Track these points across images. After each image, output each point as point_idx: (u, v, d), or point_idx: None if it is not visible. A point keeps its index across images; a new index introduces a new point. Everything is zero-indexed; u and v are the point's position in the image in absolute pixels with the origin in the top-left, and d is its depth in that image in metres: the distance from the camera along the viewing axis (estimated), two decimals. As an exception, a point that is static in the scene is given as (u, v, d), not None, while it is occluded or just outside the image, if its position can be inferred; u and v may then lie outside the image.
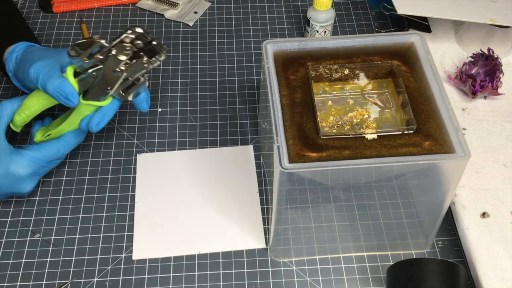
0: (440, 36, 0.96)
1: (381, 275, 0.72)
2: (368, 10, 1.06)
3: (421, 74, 0.70)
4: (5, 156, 0.72)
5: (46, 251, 0.75)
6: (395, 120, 0.69)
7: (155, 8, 1.06)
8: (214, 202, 0.79)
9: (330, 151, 0.63)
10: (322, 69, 0.72)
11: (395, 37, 0.75)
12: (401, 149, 0.63)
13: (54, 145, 0.75)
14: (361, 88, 0.73)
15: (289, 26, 1.04)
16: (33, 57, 0.75)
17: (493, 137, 0.82)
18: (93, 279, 0.72)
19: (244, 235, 0.76)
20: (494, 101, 0.87)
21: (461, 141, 0.62)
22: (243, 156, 0.84)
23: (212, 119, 0.89)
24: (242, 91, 0.93)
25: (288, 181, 0.62)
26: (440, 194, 0.67)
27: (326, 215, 0.72)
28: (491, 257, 0.70)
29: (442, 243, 0.75)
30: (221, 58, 0.98)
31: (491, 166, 0.79)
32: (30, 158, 0.73)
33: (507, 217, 0.74)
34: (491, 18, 0.88)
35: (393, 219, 0.73)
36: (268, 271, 0.73)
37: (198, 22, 1.05)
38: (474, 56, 0.89)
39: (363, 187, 0.70)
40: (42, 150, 0.74)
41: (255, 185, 0.81)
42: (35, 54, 0.76)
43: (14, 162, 0.72)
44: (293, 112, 0.67)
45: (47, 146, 0.74)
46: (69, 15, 1.06)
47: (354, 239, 0.74)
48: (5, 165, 0.71)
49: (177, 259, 0.74)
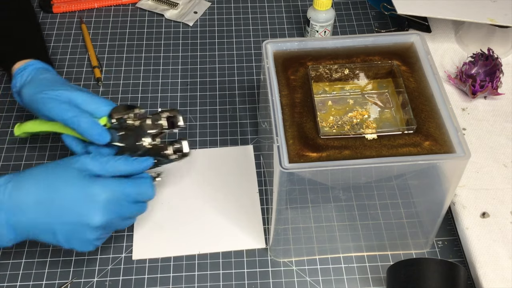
0: (440, 36, 0.96)
1: (381, 275, 0.72)
2: (368, 10, 1.06)
3: (421, 74, 0.70)
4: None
5: (46, 251, 0.75)
6: (395, 120, 0.69)
7: (155, 8, 1.06)
8: (214, 202, 0.79)
9: (330, 151, 0.63)
10: (322, 69, 0.72)
11: (395, 37, 0.75)
12: (401, 149, 0.63)
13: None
14: (361, 88, 0.73)
15: (289, 26, 1.04)
16: (50, 89, 0.73)
17: (493, 137, 0.82)
18: (93, 279, 0.72)
19: (244, 235, 0.76)
20: (494, 101, 0.87)
21: (461, 141, 0.62)
22: (243, 156, 0.84)
23: (212, 119, 0.89)
24: (242, 91, 0.93)
25: (288, 181, 0.62)
26: (440, 194, 0.67)
27: (326, 215, 0.72)
28: (491, 257, 0.70)
29: (442, 243, 0.75)
30: (221, 58, 0.98)
31: (491, 166, 0.79)
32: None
33: (507, 217, 0.74)
34: (491, 18, 0.87)
35: (393, 219, 0.73)
36: (268, 271, 0.73)
37: (198, 22, 1.05)
38: (474, 56, 0.89)
39: (363, 187, 0.70)
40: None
41: (255, 185, 0.81)
42: (50, 85, 0.74)
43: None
44: (293, 112, 0.67)
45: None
46: (69, 15, 1.06)
47: (354, 239, 0.74)
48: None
49: (177, 259, 0.74)
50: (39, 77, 0.76)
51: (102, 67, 0.96)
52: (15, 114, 0.90)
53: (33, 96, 0.73)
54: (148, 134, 0.72)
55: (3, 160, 0.84)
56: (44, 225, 0.64)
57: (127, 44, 1.00)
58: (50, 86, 0.73)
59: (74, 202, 0.64)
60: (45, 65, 0.79)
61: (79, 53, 0.99)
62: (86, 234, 0.65)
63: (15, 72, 0.78)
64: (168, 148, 0.72)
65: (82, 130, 0.70)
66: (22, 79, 0.77)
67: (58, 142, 0.85)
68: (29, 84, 0.75)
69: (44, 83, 0.75)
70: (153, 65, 0.97)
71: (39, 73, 0.77)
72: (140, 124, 0.72)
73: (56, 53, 0.99)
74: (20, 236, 0.65)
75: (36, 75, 0.77)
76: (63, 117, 0.70)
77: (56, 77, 0.77)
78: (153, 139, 0.72)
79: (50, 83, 0.75)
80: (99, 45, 1.00)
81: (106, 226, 0.65)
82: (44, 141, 0.86)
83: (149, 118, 0.73)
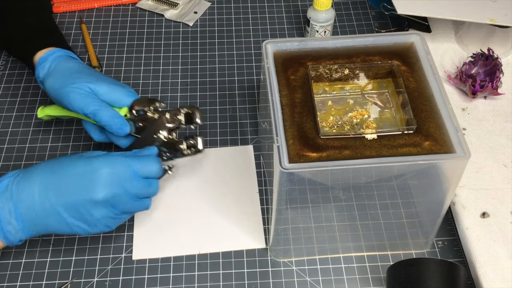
0: (440, 36, 0.96)
1: (381, 275, 0.72)
2: (368, 10, 1.06)
3: (421, 74, 0.70)
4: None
5: (46, 251, 0.75)
6: (395, 120, 0.69)
7: (155, 8, 1.06)
8: (214, 202, 0.79)
9: (330, 151, 0.63)
10: (322, 69, 0.72)
11: (395, 37, 0.75)
12: (401, 149, 0.63)
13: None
14: (361, 88, 0.73)
15: (289, 26, 1.04)
16: (72, 81, 0.74)
17: (493, 137, 0.82)
18: (93, 279, 0.72)
19: (244, 235, 0.76)
20: (494, 101, 0.87)
21: (461, 141, 0.62)
22: (243, 156, 0.84)
23: (212, 119, 0.89)
24: (242, 91, 0.93)
25: (288, 181, 0.62)
26: (440, 194, 0.67)
27: (326, 215, 0.72)
28: (491, 257, 0.70)
29: (442, 243, 0.75)
30: (221, 58, 0.98)
31: (491, 166, 0.79)
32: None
33: (507, 217, 0.74)
34: (491, 18, 0.87)
35: (393, 219, 0.73)
36: (268, 271, 0.73)
37: (198, 22, 1.05)
38: (474, 56, 0.89)
39: (363, 187, 0.70)
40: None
41: (255, 185, 0.81)
42: (71, 77, 0.75)
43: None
44: (293, 112, 0.67)
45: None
46: (69, 15, 1.06)
47: (354, 239, 0.74)
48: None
49: (177, 259, 0.74)
50: (61, 67, 0.77)
51: (102, 67, 0.96)
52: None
53: (56, 90, 0.75)
54: (165, 128, 0.74)
55: (30, 142, 0.86)
56: (51, 209, 0.64)
57: (127, 44, 1.00)
58: (72, 77, 0.74)
59: (76, 179, 0.64)
60: (66, 52, 0.80)
61: (79, 53, 0.99)
62: (93, 211, 0.64)
63: (37, 62, 0.79)
64: (183, 143, 0.74)
65: (104, 123, 0.72)
66: (44, 69, 0.77)
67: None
68: (52, 75, 0.76)
69: (65, 74, 0.75)
70: (153, 65, 0.97)
71: (61, 62, 0.77)
72: (159, 117, 0.74)
73: (56, 53, 0.99)
74: (28, 227, 0.64)
75: (58, 65, 0.77)
76: (85, 111, 0.72)
77: (78, 65, 0.78)
78: (169, 133, 0.75)
79: (72, 73, 0.75)
80: (99, 45, 1.00)
81: (113, 202, 0.64)
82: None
83: (168, 112, 0.75)
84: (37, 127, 0.88)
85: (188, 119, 0.75)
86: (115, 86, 0.75)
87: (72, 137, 0.86)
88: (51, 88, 0.76)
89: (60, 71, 0.76)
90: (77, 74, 0.75)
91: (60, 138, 0.86)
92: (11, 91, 0.93)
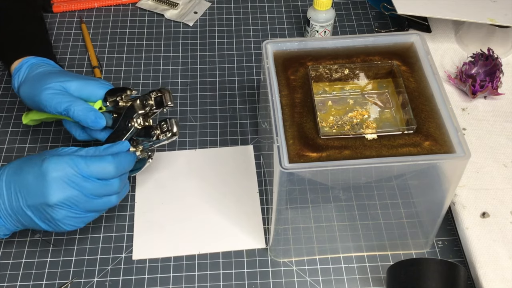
0: (440, 36, 0.96)
1: (381, 275, 0.72)
2: (368, 10, 1.06)
3: (421, 74, 0.70)
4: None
5: (46, 251, 0.75)
6: (395, 120, 0.69)
7: (155, 8, 1.06)
8: (214, 202, 0.79)
9: (330, 151, 0.63)
10: (322, 69, 0.72)
11: (395, 37, 0.75)
12: (401, 149, 0.63)
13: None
14: (361, 88, 0.73)
15: (289, 26, 1.04)
16: (43, 84, 0.73)
17: (493, 137, 0.82)
18: (93, 279, 0.72)
19: (244, 235, 0.76)
20: (494, 101, 0.87)
21: (461, 141, 0.62)
22: (243, 156, 0.84)
23: (212, 119, 0.89)
24: (242, 91, 0.93)
25: (288, 181, 0.62)
26: (440, 194, 0.67)
27: (326, 215, 0.72)
28: (491, 257, 0.70)
29: (442, 243, 0.75)
30: (221, 58, 0.98)
31: (491, 166, 0.79)
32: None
33: (507, 217, 0.74)
34: (491, 18, 0.87)
35: (393, 219, 0.73)
36: (268, 271, 0.73)
37: (198, 22, 1.05)
38: (474, 56, 0.89)
39: (363, 187, 0.70)
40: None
41: (255, 185, 0.81)
42: (43, 80, 0.74)
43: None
44: (293, 112, 0.67)
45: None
46: (69, 15, 1.06)
47: (354, 239, 0.74)
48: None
49: (177, 259, 0.74)
50: (33, 73, 0.76)
51: (102, 67, 0.96)
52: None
53: (30, 97, 0.74)
54: (139, 115, 0.73)
55: (29, 142, 0.86)
56: (19, 208, 0.64)
57: (127, 44, 1.00)
58: (43, 80, 0.73)
59: (32, 182, 0.64)
60: (42, 59, 0.79)
61: (79, 53, 0.99)
62: (52, 213, 0.64)
63: (13, 72, 0.78)
64: (157, 128, 0.72)
65: (78, 118, 0.71)
66: (19, 78, 0.77)
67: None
68: (25, 83, 0.75)
69: (36, 78, 0.75)
70: (153, 65, 0.97)
71: (33, 68, 0.77)
72: (130, 105, 0.73)
73: (56, 53, 0.99)
74: (9, 222, 0.65)
75: (31, 72, 0.76)
76: (58, 110, 0.72)
77: (50, 69, 0.77)
78: (145, 120, 0.73)
79: (43, 77, 0.75)
80: (99, 45, 1.00)
81: (71, 204, 0.63)
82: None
83: (138, 98, 0.73)
84: (37, 127, 0.88)
85: (159, 102, 0.73)
86: (87, 81, 0.74)
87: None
88: (25, 96, 0.75)
89: (32, 77, 0.75)
90: (48, 76, 0.74)
91: (60, 139, 0.87)
92: (11, 91, 0.93)
